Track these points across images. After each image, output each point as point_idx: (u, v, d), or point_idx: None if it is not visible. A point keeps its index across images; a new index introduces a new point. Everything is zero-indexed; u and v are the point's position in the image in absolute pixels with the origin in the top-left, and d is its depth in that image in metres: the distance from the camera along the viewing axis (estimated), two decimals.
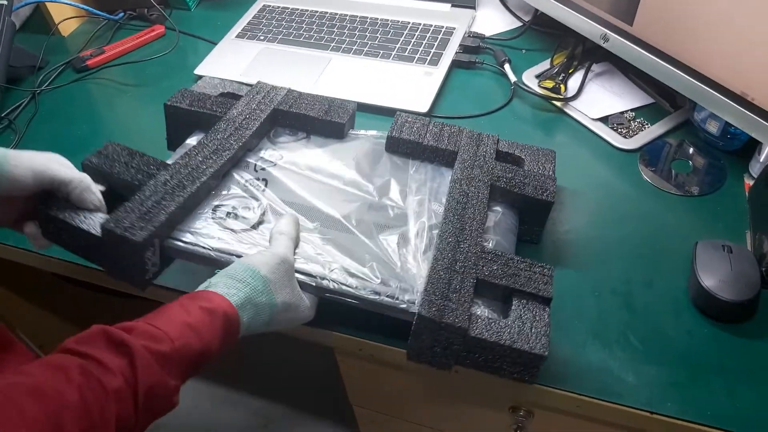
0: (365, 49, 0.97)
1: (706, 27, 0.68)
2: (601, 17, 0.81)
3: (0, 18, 0.97)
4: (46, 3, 1.05)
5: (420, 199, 0.67)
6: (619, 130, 0.82)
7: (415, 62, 0.94)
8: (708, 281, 0.61)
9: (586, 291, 0.65)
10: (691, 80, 0.72)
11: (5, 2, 0.98)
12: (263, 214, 0.64)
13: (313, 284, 0.59)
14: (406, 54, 0.95)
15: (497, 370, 0.56)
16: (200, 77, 0.97)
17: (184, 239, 0.61)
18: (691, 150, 0.79)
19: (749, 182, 0.74)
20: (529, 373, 0.55)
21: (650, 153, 0.79)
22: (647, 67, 0.77)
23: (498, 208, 0.67)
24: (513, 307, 0.56)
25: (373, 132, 0.75)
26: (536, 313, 0.56)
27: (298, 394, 1.43)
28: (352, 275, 0.59)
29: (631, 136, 0.81)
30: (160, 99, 0.95)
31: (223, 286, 0.53)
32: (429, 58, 0.94)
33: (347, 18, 1.04)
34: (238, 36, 1.03)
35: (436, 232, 0.63)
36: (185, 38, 1.06)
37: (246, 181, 0.68)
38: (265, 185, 0.67)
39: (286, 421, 1.41)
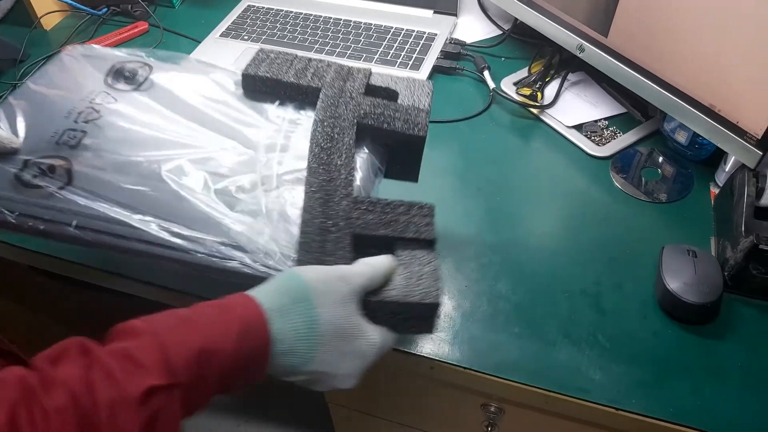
0: (348, 52, 0.98)
1: (678, 41, 0.71)
2: (578, 28, 0.84)
3: None
4: None
5: (270, 144, 0.59)
6: (593, 137, 0.85)
7: (397, 66, 0.96)
8: (673, 284, 0.63)
9: (558, 291, 0.67)
10: (662, 91, 0.74)
11: None
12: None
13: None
14: (388, 58, 0.97)
15: (394, 326, 0.51)
16: None
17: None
18: (660, 159, 0.82)
19: (715, 190, 0.77)
20: (426, 325, 0.52)
21: (621, 161, 0.82)
22: (620, 78, 0.80)
23: (364, 149, 0.60)
24: (398, 258, 0.52)
25: (233, 69, 0.66)
26: (422, 259, 0.52)
27: (273, 395, 1.43)
28: (183, 237, 0.52)
29: (603, 144, 0.84)
30: None
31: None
32: (411, 62, 0.96)
33: (331, 21, 1.05)
34: (222, 35, 1.04)
35: (288, 180, 0.56)
36: (169, 35, 1.07)
37: (61, 132, 0.58)
38: (84, 135, 0.58)
39: (260, 421, 1.42)
